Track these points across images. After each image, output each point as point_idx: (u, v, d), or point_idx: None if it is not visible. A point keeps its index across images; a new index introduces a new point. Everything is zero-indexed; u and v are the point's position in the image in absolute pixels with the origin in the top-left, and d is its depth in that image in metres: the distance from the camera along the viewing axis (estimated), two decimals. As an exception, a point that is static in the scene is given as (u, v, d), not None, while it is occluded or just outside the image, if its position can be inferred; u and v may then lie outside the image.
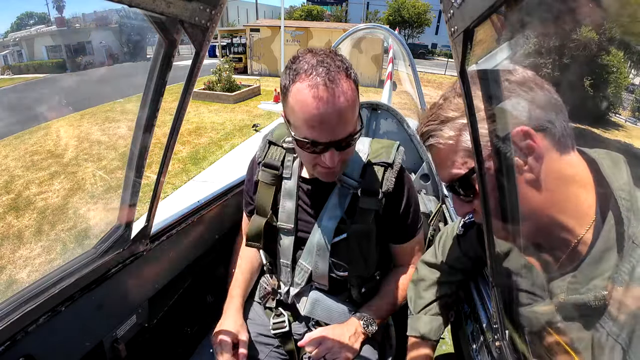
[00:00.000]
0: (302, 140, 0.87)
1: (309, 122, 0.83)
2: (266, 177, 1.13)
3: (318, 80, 0.80)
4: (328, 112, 0.81)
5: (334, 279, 1.11)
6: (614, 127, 4.27)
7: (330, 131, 0.84)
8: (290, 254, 1.12)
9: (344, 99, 0.82)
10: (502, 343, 0.73)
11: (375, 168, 1.07)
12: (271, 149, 1.17)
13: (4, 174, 6.14)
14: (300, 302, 1.16)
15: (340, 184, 1.06)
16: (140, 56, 18.11)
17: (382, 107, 1.89)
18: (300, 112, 0.83)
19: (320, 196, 1.09)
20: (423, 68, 25.62)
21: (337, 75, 0.82)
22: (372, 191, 1.05)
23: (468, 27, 0.45)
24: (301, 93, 0.82)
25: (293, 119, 0.87)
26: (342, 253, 1.07)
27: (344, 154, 0.93)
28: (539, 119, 0.59)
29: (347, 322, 1.08)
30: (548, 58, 1.33)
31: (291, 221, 1.10)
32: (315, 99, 0.80)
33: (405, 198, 1.10)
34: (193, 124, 9.01)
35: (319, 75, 0.80)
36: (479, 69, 0.55)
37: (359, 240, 1.04)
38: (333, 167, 0.92)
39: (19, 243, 4.22)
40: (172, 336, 1.35)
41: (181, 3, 0.66)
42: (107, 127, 8.76)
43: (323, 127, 0.83)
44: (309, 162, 0.95)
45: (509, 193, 0.60)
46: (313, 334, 1.03)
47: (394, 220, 1.10)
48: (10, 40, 17.90)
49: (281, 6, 11.58)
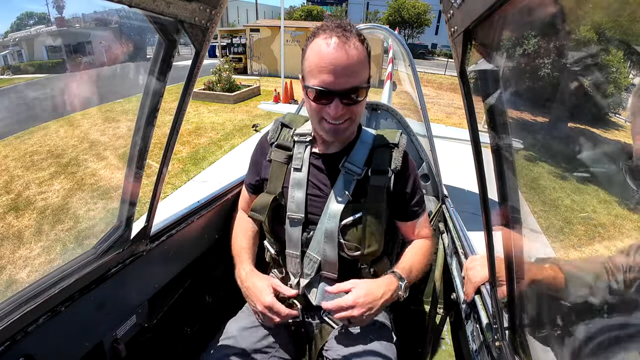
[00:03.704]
0: (313, 88, 0.95)
1: (320, 64, 0.93)
2: (279, 157, 1.18)
3: (333, 34, 0.93)
4: (339, 54, 0.91)
5: (344, 264, 1.12)
6: (614, 127, 4.28)
7: (339, 74, 0.92)
8: (299, 244, 1.14)
9: (355, 51, 0.93)
10: (502, 343, 0.73)
11: (382, 150, 1.13)
12: (283, 130, 1.22)
13: (4, 174, 6.13)
14: (310, 293, 1.17)
15: (345, 170, 1.10)
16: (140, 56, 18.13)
17: (382, 107, 1.89)
18: (314, 57, 0.95)
19: (328, 184, 1.12)
20: (423, 68, 25.63)
21: (351, 36, 0.94)
22: (381, 170, 1.10)
23: (468, 27, 0.45)
24: (317, 44, 0.95)
25: (307, 68, 0.98)
26: (356, 233, 1.08)
27: (349, 110, 0.99)
28: None
29: (386, 280, 1.06)
30: (548, 58, 1.33)
31: (301, 211, 1.12)
32: (328, 45, 0.92)
33: (412, 176, 1.16)
34: (193, 124, 9.01)
35: (334, 32, 0.94)
36: (478, 69, 0.55)
37: (374, 217, 1.07)
38: (337, 121, 0.98)
39: (18, 243, 4.22)
40: (172, 336, 1.35)
41: (181, 3, 0.66)
42: (106, 127, 8.76)
43: (332, 69, 0.92)
44: (316, 116, 1.02)
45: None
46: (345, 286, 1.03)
47: (402, 198, 1.15)
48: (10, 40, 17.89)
49: (281, 6, 11.57)
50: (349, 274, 1.12)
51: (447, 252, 1.45)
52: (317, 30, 0.98)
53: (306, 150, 1.15)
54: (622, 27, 0.80)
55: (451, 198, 1.71)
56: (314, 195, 1.13)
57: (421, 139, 1.84)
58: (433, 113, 11.88)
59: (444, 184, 1.77)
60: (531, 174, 6.06)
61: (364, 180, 1.10)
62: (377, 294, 1.01)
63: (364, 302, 0.99)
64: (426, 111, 1.91)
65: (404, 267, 1.11)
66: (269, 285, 1.10)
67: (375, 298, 1.01)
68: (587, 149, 1.94)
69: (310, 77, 0.96)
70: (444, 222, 1.61)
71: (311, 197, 1.13)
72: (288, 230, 1.14)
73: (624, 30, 0.80)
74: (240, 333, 1.13)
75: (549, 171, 6.25)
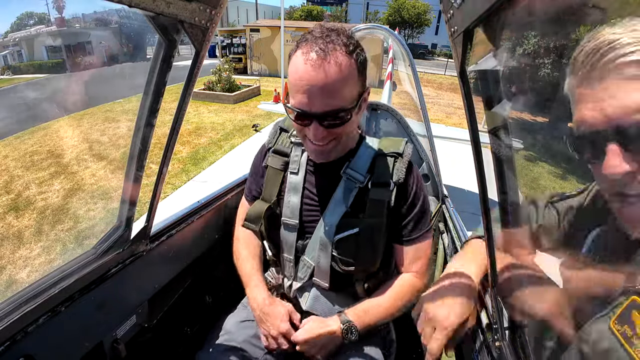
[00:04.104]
0: (292, 108, 0.88)
1: (297, 85, 0.84)
2: (276, 163, 1.13)
3: (314, 48, 0.83)
4: (315, 74, 0.82)
5: (337, 275, 1.08)
6: (614, 127, 4.26)
7: (315, 95, 0.83)
8: (293, 250, 1.12)
9: (336, 69, 0.82)
10: (502, 343, 0.73)
11: (385, 159, 1.06)
12: (282, 135, 1.18)
13: (4, 174, 6.13)
14: (302, 297, 1.15)
15: (346, 177, 1.05)
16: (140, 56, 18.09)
17: (382, 107, 1.89)
18: (292, 73, 0.86)
19: (326, 191, 1.07)
20: (423, 68, 25.63)
21: (336, 47, 0.83)
22: (382, 182, 1.02)
23: (468, 27, 0.45)
24: (297, 57, 0.85)
25: (290, 85, 0.90)
26: (350, 247, 1.03)
27: (330, 133, 0.90)
28: None
29: (330, 322, 1.03)
30: (548, 58, 1.33)
31: (296, 217, 1.09)
32: (305, 62, 0.82)
33: (413, 191, 1.06)
34: (193, 124, 9.01)
35: (317, 44, 0.83)
36: (478, 69, 0.55)
37: (371, 234, 1.01)
38: (319, 143, 0.92)
39: (18, 243, 4.22)
40: (172, 336, 1.35)
41: (181, 3, 0.66)
42: (106, 127, 8.76)
43: (308, 90, 0.83)
44: (300, 134, 0.97)
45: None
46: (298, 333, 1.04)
47: (399, 215, 1.06)
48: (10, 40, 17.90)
49: (281, 6, 11.56)
50: (341, 285, 1.10)
51: (447, 252, 1.45)
52: (302, 38, 0.89)
53: (303, 154, 1.11)
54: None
55: (451, 198, 1.71)
56: (310, 201, 1.09)
57: (421, 139, 1.84)
58: (433, 113, 11.88)
59: (444, 184, 1.77)
60: (531, 174, 6.05)
61: (364, 192, 1.03)
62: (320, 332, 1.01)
63: (308, 339, 1.01)
64: (426, 111, 1.91)
65: (357, 310, 1.04)
66: (286, 313, 1.08)
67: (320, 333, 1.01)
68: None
69: (291, 95, 0.89)
70: (444, 222, 1.61)
71: (306, 203, 1.09)
72: (283, 235, 1.12)
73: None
74: (237, 328, 1.13)
75: (549, 171, 6.24)
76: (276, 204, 1.11)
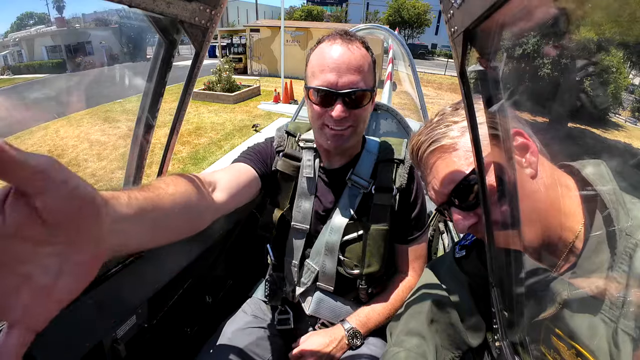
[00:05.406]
0: (315, 88, 0.92)
1: (324, 65, 0.91)
2: (286, 168, 1.10)
3: (337, 37, 0.93)
4: (342, 52, 0.90)
5: (342, 279, 1.09)
6: (614, 128, 4.27)
7: (343, 72, 0.89)
8: (299, 254, 1.12)
9: (359, 52, 0.91)
10: (502, 343, 0.73)
11: (387, 165, 1.09)
12: (289, 139, 1.16)
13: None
14: (305, 302, 1.15)
15: (351, 183, 1.06)
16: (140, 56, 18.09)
17: (382, 107, 1.89)
18: (316, 59, 0.94)
19: (332, 196, 1.09)
20: (423, 68, 25.63)
21: (355, 39, 0.94)
22: (385, 187, 1.06)
23: (468, 27, 0.45)
24: (321, 48, 0.94)
25: (310, 71, 0.96)
26: (356, 251, 1.05)
27: (352, 115, 0.94)
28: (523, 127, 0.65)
29: (334, 330, 1.06)
30: (548, 58, 1.33)
31: (307, 222, 1.10)
32: (331, 47, 0.92)
33: (414, 194, 1.10)
34: (193, 124, 9.01)
35: (338, 36, 0.94)
36: (478, 69, 0.55)
37: (375, 238, 1.04)
38: (338, 128, 0.94)
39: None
40: (172, 336, 1.35)
41: (181, 3, 0.66)
42: (106, 127, 8.76)
43: (336, 67, 0.89)
44: (318, 121, 0.97)
45: (512, 193, 0.60)
46: (301, 344, 1.05)
47: (402, 216, 1.09)
48: (10, 40, 17.92)
49: (281, 6, 11.57)
50: (346, 289, 1.11)
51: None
52: (321, 38, 0.97)
53: (316, 159, 1.11)
54: (622, 27, 0.80)
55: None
56: (319, 206, 1.11)
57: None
58: (433, 113, 11.86)
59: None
60: (531, 174, 6.06)
61: (368, 197, 1.06)
62: (326, 342, 1.03)
63: (317, 342, 1.03)
64: (426, 111, 1.91)
65: (360, 317, 1.07)
66: None
67: (325, 343, 1.03)
68: (587, 149, 1.94)
69: (313, 79, 0.93)
70: (444, 222, 1.61)
71: (317, 209, 1.11)
72: (291, 240, 1.12)
73: (624, 30, 0.80)
74: (236, 335, 1.13)
75: (549, 171, 6.25)
76: (289, 211, 1.11)
